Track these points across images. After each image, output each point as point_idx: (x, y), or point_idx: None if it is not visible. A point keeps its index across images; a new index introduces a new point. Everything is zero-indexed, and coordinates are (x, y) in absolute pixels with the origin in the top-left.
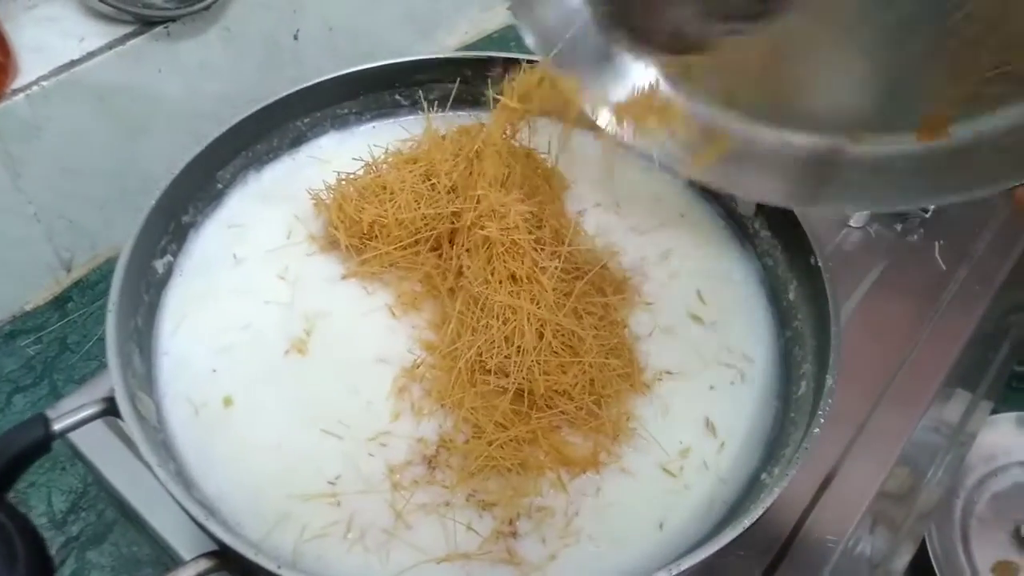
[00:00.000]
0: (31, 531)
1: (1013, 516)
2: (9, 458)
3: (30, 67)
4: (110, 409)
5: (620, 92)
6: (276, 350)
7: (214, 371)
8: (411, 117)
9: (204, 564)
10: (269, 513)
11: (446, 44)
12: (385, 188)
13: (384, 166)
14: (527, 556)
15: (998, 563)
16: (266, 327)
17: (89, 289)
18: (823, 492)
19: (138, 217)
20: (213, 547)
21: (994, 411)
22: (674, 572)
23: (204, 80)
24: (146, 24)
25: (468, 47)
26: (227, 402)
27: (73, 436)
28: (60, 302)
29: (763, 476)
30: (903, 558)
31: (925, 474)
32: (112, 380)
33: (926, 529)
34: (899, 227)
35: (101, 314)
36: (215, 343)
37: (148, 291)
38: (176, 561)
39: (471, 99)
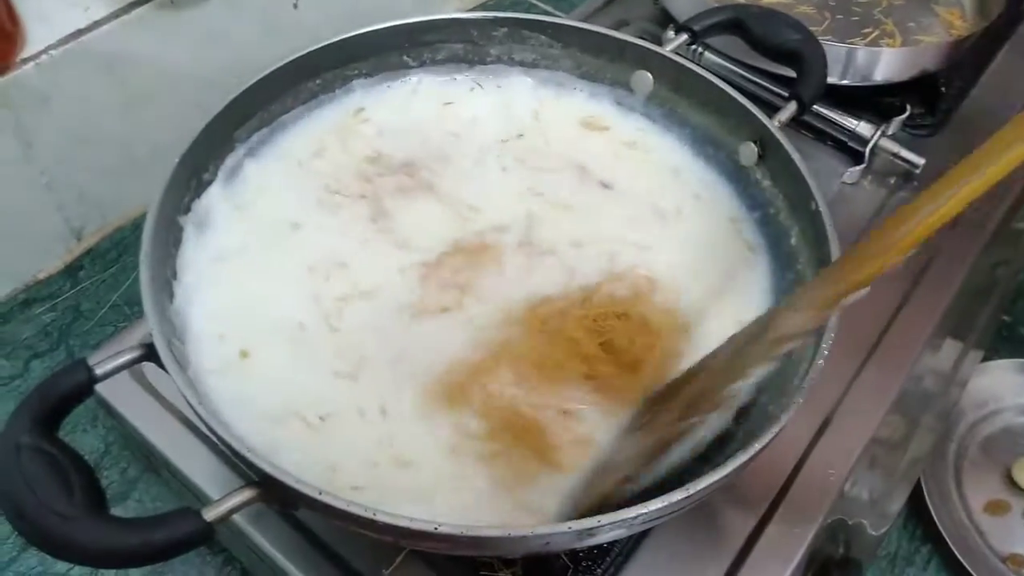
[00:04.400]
0: (83, 464)
1: (1003, 458)
2: (57, 398)
3: (38, 37)
4: (147, 355)
5: None
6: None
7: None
8: (419, 77)
9: (248, 493)
10: None
11: (443, 9)
12: None
13: None
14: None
15: (989, 502)
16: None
17: (100, 257)
18: (819, 437)
19: (165, 171)
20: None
21: (985, 359)
22: (691, 491)
23: (208, 49)
24: None
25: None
26: (243, 355)
27: (101, 389)
28: (72, 270)
29: (771, 407)
30: (900, 499)
31: (919, 421)
32: (149, 325)
33: (921, 472)
34: (892, 181)
35: (113, 281)
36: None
37: (176, 246)
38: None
39: (478, 59)
